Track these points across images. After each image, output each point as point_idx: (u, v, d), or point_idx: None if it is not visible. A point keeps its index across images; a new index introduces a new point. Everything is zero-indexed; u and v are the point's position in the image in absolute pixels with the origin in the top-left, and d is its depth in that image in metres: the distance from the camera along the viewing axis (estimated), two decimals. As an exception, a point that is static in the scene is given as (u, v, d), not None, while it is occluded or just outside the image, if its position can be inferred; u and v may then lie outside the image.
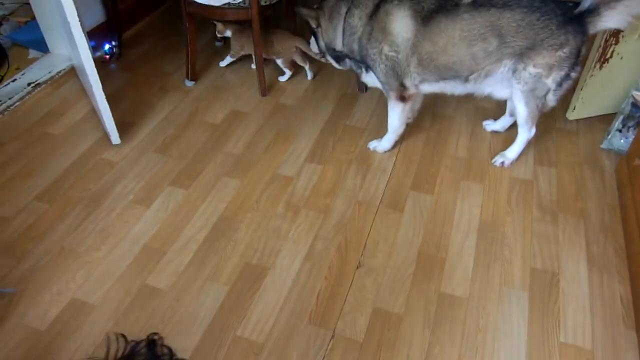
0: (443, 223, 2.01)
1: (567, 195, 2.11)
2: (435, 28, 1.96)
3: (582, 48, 1.97)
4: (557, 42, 1.92)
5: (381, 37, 2.02)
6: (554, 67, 1.97)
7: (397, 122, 2.26)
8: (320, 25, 2.18)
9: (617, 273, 1.83)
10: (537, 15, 1.90)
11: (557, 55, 1.95)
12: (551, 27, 1.90)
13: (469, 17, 1.93)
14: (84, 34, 2.08)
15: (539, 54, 1.95)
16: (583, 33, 1.93)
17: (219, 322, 1.68)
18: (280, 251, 1.90)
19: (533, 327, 1.67)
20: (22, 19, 3.21)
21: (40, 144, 2.37)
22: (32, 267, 1.85)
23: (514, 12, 1.91)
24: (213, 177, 2.20)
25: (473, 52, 1.97)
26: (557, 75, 2.00)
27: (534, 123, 2.16)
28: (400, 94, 2.16)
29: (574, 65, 2.00)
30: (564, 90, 2.07)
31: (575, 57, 1.98)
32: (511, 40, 1.93)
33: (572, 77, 2.04)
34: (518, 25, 1.91)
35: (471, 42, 1.96)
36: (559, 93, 2.07)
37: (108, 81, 2.75)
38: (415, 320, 1.69)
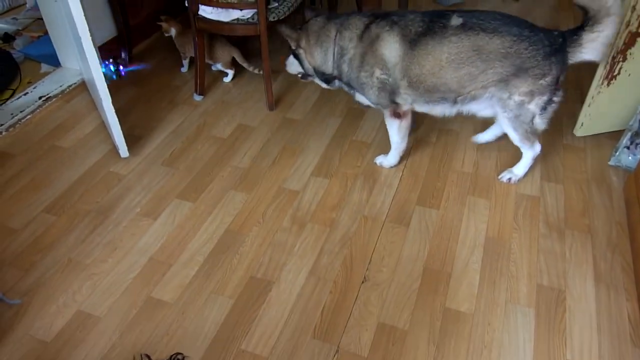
0: (449, 238, 2.00)
1: (574, 212, 2.11)
2: (423, 51, 1.97)
3: (560, 75, 2.00)
4: (541, 72, 1.95)
5: (372, 61, 2.03)
6: (535, 94, 1.99)
7: (396, 137, 2.27)
8: (302, 47, 2.17)
9: (625, 290, 1.81)
10: (525, 45, 1.91)
11: (540, 84, 1.97)
12: (538, 57, 1.92)
13: (456, 40, 1.94)
14: (95, 48, 2.11)
15: (523, 82, 1.96)
16: (564, 62, 1.97)
17: (224, 336, 1.68)
18: (285, 265, 1.91)
19: (539, 344, 1.65)
20: (35, 34, 3.26)
21: (49, 157, 2.39)
22: (39, 278, 1.86)
23: (504, 39, 1.91)
24: (220, 190, 2.22)
25: (460, 76, 1.98)
26: (540, 100, 2.02)
27: (534, 141, 2.16)
28: (394, 111, 2.18)
29: (555, 91, 2.03)
30: (550, 114, 2.09)
31: (555, 84, 2.00)
32: (498, 65, 1.94)
33: (556, 101, 2.06)
34: (507, 52, 1.92)
35: (458, 66, 1.96)
36: (546, 116, 2.08)
37: (117, 95, 2.78)
38: (420, 336, 1.68)
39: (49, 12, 2.74)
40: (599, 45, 1.93)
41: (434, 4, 3.75)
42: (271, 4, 2.54)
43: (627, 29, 2.09)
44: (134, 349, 1.65)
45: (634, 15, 2.05)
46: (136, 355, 1.63)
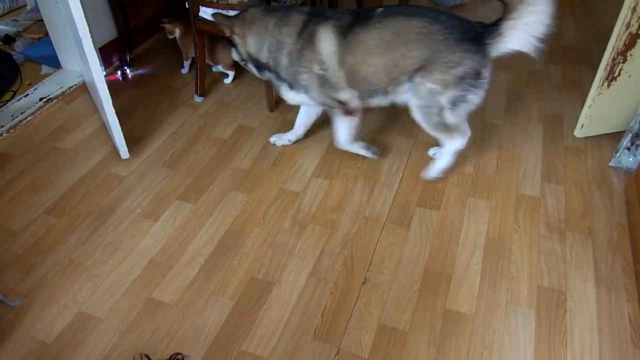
0: (449, 239, 2.00)
1: (575, 213, 2.11)
2: (354, 39, 2.01)
3: (481, 71, 1.96)
4: (453, 60, 1.94)
5: (311, 56, 2.06)
6: (449, 85, 1.97)
7: (341, 137, 2.30)
8: (236, 33, 2.17)
9: (626, 291, 1.81)
10: (438, 26, 1.93)
11: (452, 74, 1.95)
12: (449, 41, 1.92)
13: (379, 25, 1.98)
14: (96, 50, 2.11)
15: (436, 69, 1.96)
16: (482, 55, 1.94)
17: (224, 337, 1.68)
18: (286, 266, 1.91)
19: (540, 345, 1.65)
20: (35, 36, 3.26)
21: (50, 158, 2.39)
22: (40, 280, 1.86)
23: (419, 20, 1.95)
24: (220, 191, 2.22)
25: (386, 61, 2.01)
26: (452, 94, 1.99)
27: (452, 134, 2.14)
28: (345, 110, 2.19)
29: (473, 88, 1.99)
30: (463, 113, 2.07)
31: (474, 79, 1.97)
32: (414, 47, 1.96)
33: (471, 101, 2.02)
34: (420, 32, 1.94)
35: (384, 50, 2.00)
36: (457, 113, 2.05)
37: (118, 97, 2.78)
38: (421, 337, 1.68)
39: (50, 13, 2.74)
40: (521, 34, 1.89)
41: (433, 5, 3.76)
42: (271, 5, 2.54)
43: (628, 30, 2.09)
44: (135, 350, 1.65)
45: (634, 16, 2.05)
46: (136, 355, 1.63)
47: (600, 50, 2.25)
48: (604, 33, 3.29)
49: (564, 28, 3.43)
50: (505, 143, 2.46)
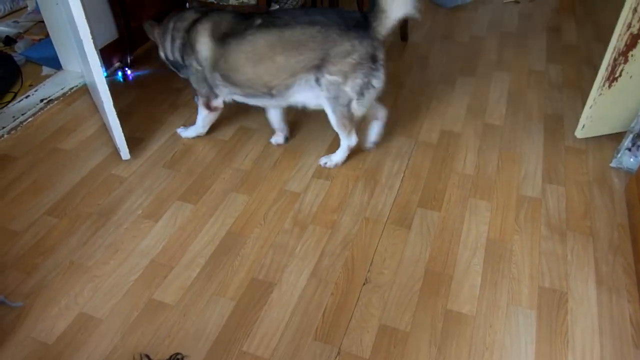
0: (450, 240, 2.00)
1: (576, 213, 2.10)
2: (227, 49, 2.11)
3: (376, 53, 2.03)
4: (343, 50, 2.00)
5: (191, 52, 2.20)
6: (348, 74, 2.03)
7: (200, 123, 2.47)
8: (156, 37, 2.34)
9: (627, 292, 1.81)
10: (317, 28, 1.99)
11: (347, 62, 2.01)
12: (332, 36, 1.99)
13: (252, 38, 2.06)
14: (96, 51, 2.11)
15: (330, 63, 2.03)
16: (371, 38, 2.01)
17: (225, 337, 1.68)
18: (286, 266, 1.91)
19: (541, 346, 1.65)
20: (36, 37, 3.27)
21: (51, 159, 2.40)
22: (41, 281, 1.87)
23: (294, 29, 2.01)
24: (221, 192, 2.22)
25: (259, 72, 2.10)
26: (354, 83, 2.06)
27: (350, 130, 2.23)
28: (207, 103, 2.35)
29: (372, 72, 2.06)
30: (368, 102, 2.14)
31: (370, 63, 2.03)
32: (297, 54, 2.03)
33: (375, 86, 2.09)
34: (299, 40, 2.01)
35: (256, 62, 2.08)
36: (364, 103, 2.13)
37: (119, 97, 2.79)
38: (422, 338, 1.68)
39: (51, 15, 2.74)
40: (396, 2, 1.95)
41: (433, 6, 3.76)
42: (272, 6, 2.55)
43: (629, 31, 2.09)
44: (136, 351, 1.65)
45: (635, 17, 2.05)
46: (136, 355, 1.63)
47: (601, 50, 2.26)
48: (605, 33, 3.32)
49: (565, 28, 3.44)
50: (505, 144, 2.46)
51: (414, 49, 3.26)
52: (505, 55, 3.17)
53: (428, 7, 3.76)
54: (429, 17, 3.62)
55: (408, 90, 2.87)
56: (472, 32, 3.43)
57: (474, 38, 3.36)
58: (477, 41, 3.33)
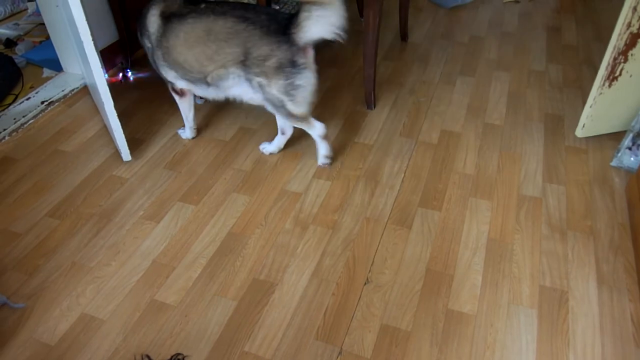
0: (451, 240, 2.01)
1: (577, 213, 2.11)
2: (169, 27, 2.15)
3: (295, 59, 2.03)
4: (262, 54, 2.02)
5: (144, 31, 2.25)
6: (269, 76, 2.06)
7: (183, 114, 2.50)
8: None
9: (628, 291, 1.81)
10: (244, 25, 2.02)
11: (267, 67, 2.04)
12: (254, 37, 2.01)
13: (192, 21, 2.10)
14: (97, 52, 2.12)
15: (252, 64, 2.06)
16: (290, 44, 2.01)
17: (227, 338, 1.68)
18: (288, 267, 1.91)
19: (542, 345, 1.66)
20: (37, 39, 3.27)
21: (52, 161, 2.40)
22: (43, 282, 1.87)
23: (226, 20, 2.04)
24: (222, 193, 2.22)
25: (195, 54, 2.13)
26: (278, 84, 2.07)
27: (307, 123, 2.24)
28: (172, 87, 2.39)
29: (294, 74, 2.06)
30: (303, 100, 2.13)
31: (290, 67, 2.04)
32: (226, 46, 2.06)
33: (303, 85, 2.09)
34: (228, 32, 2.04)
35: (192, 45, 2.12)
36: (298, 101, 2.13)
37: (119, 99, 2.80)
38: (423, 337, 1.68)
39: (51, 17, 2.75)
40: (315, 23, 1.96)
41: (433, 6, 3.76)
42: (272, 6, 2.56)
43: (628, 30, 2.10)
44: (138, 352, 1.65)
45: (635, 16, 2.06)
46: (137, 356, 1.64)
47: (601, 50, 2.27)
48: (605, 33, 3.32)
49: (565, 28, 3.44)
50: (506, 143, 2.47)
51: (414, 48, 3.27)
52: (505, 55, 3.17)
53: (428, 7, 3.77)
54: (429, 17, 3.62)
55: (408, 89, 2.87)
56: (472, 32, 3.43)
57: (474, 38, 3.37)
58: (477, 41, 3.33)
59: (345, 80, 2.95)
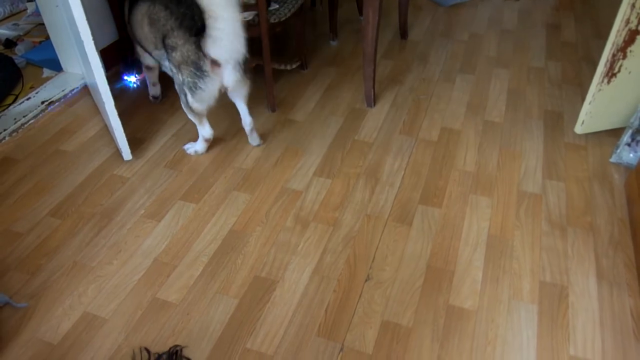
0: (451, 236, 2.01)
1: (576, 209, 2.11)
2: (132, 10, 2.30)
3: (199, 62, 2.08)
4: (171, 43, 2.10)
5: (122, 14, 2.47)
6: (176, 66, 2.14)
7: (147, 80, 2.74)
8: None
9: (627, 286, 1.82)
10: (165, 13, 2.11)
11: (174, 56, 2.12)
12: (168, 26, 2.10)
13: (141, 4, 2.23)
14: (97, 52, 2.12)
15: (167, 50, 2.15)
16: (196, 46, 2.05)
17: (229, 335, 1.69)
18: (289, 264, 1.92)
19: (542, 340, 1.66)
20: (37, 39, 3.28)
21: (53, 161, 2.41)
22: (45, 281, 1.88)
23: (155, 6, 2.15)
24: (223, 191, 2.23)
25: (142, 34, 2.28)
26: (183, 77, 2.15)
27: (200, 121, 2.33)
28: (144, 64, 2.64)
29: (197, 77, 2.11)
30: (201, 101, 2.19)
31: (194, 69, 2.09)
32: (153, 29, 2.18)
33: (202, 89, 2.14)
34: (156, 17, 2.15)
35: (140, 25, 2.26)
36: (197, 99, 2.18)
37: (120, 98, 2.81)
38: (424, 333, 1.69)
39: (51, 17, 2.75)
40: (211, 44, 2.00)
41: (432, 4, 3.77)
42: (272, 5, 2.56)
43: (627, 27, 2.10)
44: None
45: (633, 12, 2.06)
46: (136, 349, 1.65)
47: (600, 47, 2.27)
48: (604, 30, 3.33)
49: (564, 25, 3.44)
50: (505, 140, 2.47)
51: (414, 46, 3.27)
52: (504, 52, 3.18)
53: (427, 5, 3.77)
54: (428, 15, 3.63)
55: (408, 87, 2.88)
56: (472, 30, 3.43)
57: (474, 35, 3.37)
58: (476, 38, 3.34)
59: (345, 79, 2.96)
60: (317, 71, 3.03)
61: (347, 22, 3.56)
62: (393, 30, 3.45)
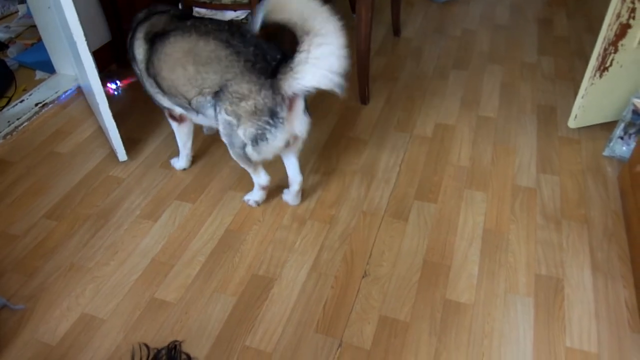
0: (447, 231, 2.02)
1: (571, 202, 2.13)
2: (154, 49, 1.94)
3: (275, 109, 1.76)
4: (240, 91, 1.76)
5: (132, 55, 2.05)
6: (242, 118, 1.80)
7: (178, 140, 2.29)
8: None
9: (622, 278, 1.84)
10: (227, 52, 1.77)
11: (242, 107, 1.78)
12: (235, 69, 1.75)
13: (173, 40, 1.87)
14: (90, 54, 2.12)
15: (226, 98, 1.80)
16: (273, 91, 1.74)
17: (228, 333, 1.70)
18: (286, 262, 1.92)
19: (539, 333, 1.68)
20: (29, 41, 3.27)
21: (48, 163, 2.40)
22: (42, 283, 1.88)
23: (208, 43, 1.80)
24: (219, 190, 2.23)
25: (176, 77, 1.90)
26: (248, 130, 1.82)
27: (255, 170, 2.03)
28: (169, 113, 2.18)
29: (269, 126, 1.79)
30: (267, 152, 1.88)
31: (268, 117, 1.77)
32: (203, 71, 1.82)
33: (272, 140, 1.82)
34: (208, 56, 1.79)
35: (173, 66, 1.89)
36: (260, 151, 1.87)
37: (114, 99, 2.80)
38: (422, 328, 1.70)
39: (42, 19, 2.75)
40: (312, 69, 1.66)
41: (425, 1, 3.78)
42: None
43: (618, 21, 2.12)
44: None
45: (624, 6, 2.08)
46: (135, 345, 1.65)
47: (592, 41, 2.29)
48: (596, 24, 3.35)
49: (556, 20, 3.46)
50: (499, 135, 2.49)
51: (407, 43, 3.28)
52: (497, 48, 3.19)
53: (420, 1, 3.78)
54: (421, 12, 3.64)
55: (402, 84, 2.89)
56: (464, 26, 3.45)
57: (466, 32, 3.38)
58: (469, 35, 3.35)
59: (338, 76, 2.96)
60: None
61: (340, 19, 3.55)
62: (386, 27, 3.46)
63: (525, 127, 2.53)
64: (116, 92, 2.92)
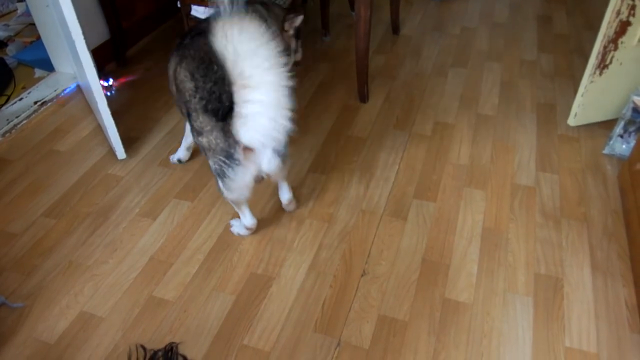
0: (446, 230, 2.02)
1: (570, 201, 2.13)
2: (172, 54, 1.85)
3: (230, 151, 1.62)
4: (196, 126, 1.66)
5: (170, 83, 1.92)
6: (204, 151, 1.73)
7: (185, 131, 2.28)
8: None
9: (621, 277, 1.83)
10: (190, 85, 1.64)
11: (201, 141, 1.69)
12: (192, 105, 1.65)
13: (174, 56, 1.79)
14: (89, 52, 2.12)
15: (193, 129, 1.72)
16: (224, 134, 1.58)
17: (226, 332, 1.70)
18: (285, 260, 1.92)
19: (538, 332, 1.67)
20: (27, 39, 3.26)
21: (47, 161, 2.40)
22: (41, 281, 1.87)
23: (181, 70, 1.69)
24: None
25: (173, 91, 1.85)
26: (211, 163, 1.73)
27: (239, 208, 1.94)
28: None
29: (226, 166, 1.66)
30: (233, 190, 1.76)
31: (224, 157, 1.65)
32: (177, 97, 1.79)
33: (233, 179, 1.70)
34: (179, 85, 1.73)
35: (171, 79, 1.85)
36: (228, 187, 1.75)
37: (113, 97, 2.80)
38: (421, 327, 1.70)
39: (41, 17, 2.74)
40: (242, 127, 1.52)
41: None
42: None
43: (618, 18, 2.11)
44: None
45: (624, 4, 2.07)
46: (132, 346, 1.65)
47: (591, 38, 2.28)
48: (595, 22, 3.34)
49: (555, 17, 3.45)
50: (499, 133, 2.48)
51: (406, 41, 3.27)
52: (496, 45, 3.19)
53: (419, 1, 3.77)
54: (420, 10, 3.63)
55: (401, 82, 2.88)
56: (463, 24, 3.44)
57: (465, 29, 3.38)
58: (468, 32, 3.34)
59: (337, 74, 2.96)
60: (309, 67, 3.03)
61: (339, 17, 3.55)
62: (385, 25, 3.45)
63: (525, 125, 2.52)
64: (108, 92, 2.90)
